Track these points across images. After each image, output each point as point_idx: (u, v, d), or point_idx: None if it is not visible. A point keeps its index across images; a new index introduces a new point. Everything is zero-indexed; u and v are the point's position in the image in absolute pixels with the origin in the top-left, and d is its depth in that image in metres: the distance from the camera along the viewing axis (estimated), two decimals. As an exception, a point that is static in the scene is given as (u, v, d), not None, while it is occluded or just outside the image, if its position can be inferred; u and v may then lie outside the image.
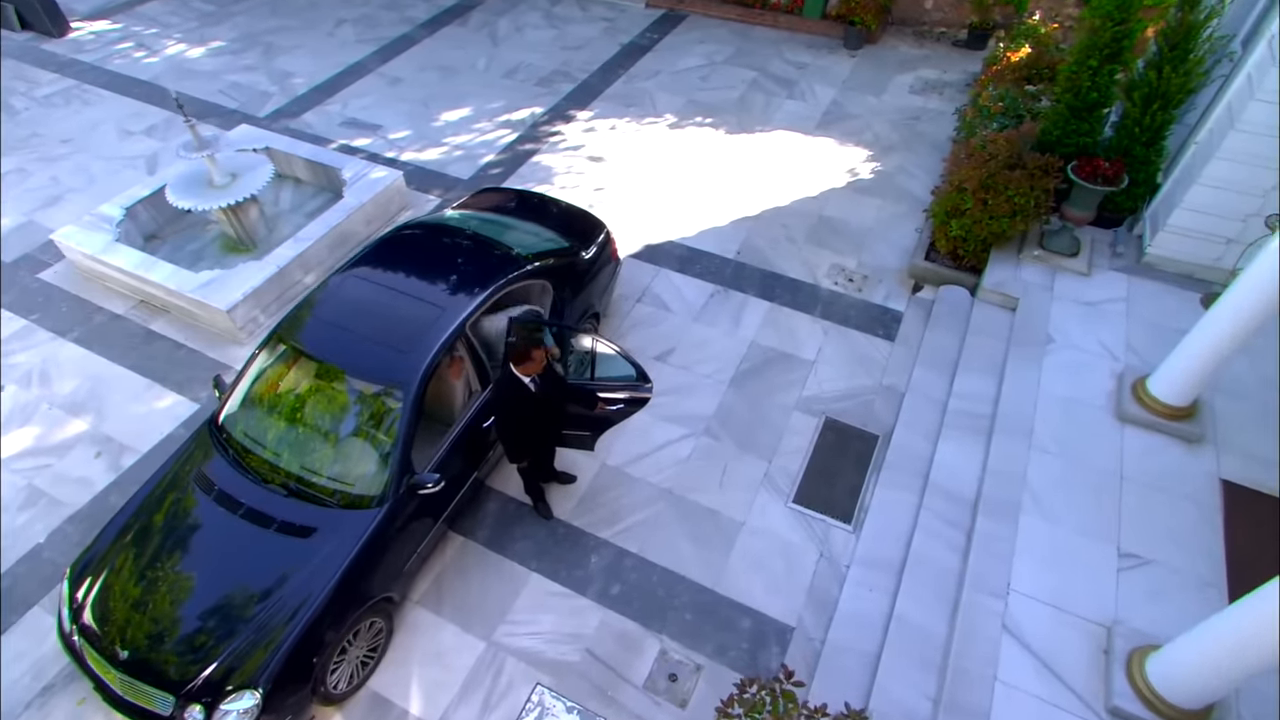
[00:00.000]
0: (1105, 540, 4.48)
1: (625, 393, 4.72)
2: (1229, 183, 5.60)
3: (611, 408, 4.74)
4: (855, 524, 5.12)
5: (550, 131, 9.00)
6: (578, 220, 6.18)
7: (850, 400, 5.92)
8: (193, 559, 4.00)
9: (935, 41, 10.65)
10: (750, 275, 7.03)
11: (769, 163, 8.39)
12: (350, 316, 4.66)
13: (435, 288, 4.83)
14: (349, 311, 4.69)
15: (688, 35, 10.87)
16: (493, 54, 10.53)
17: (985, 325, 6.07)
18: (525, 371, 4.21)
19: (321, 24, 11.21)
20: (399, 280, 4.87)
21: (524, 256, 5.23)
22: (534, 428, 4.57)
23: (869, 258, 7.21)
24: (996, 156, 6.22)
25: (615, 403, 4.74)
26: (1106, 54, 5.98)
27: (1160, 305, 5.97)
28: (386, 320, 4.62)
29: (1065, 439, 5.04)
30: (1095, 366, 5.50)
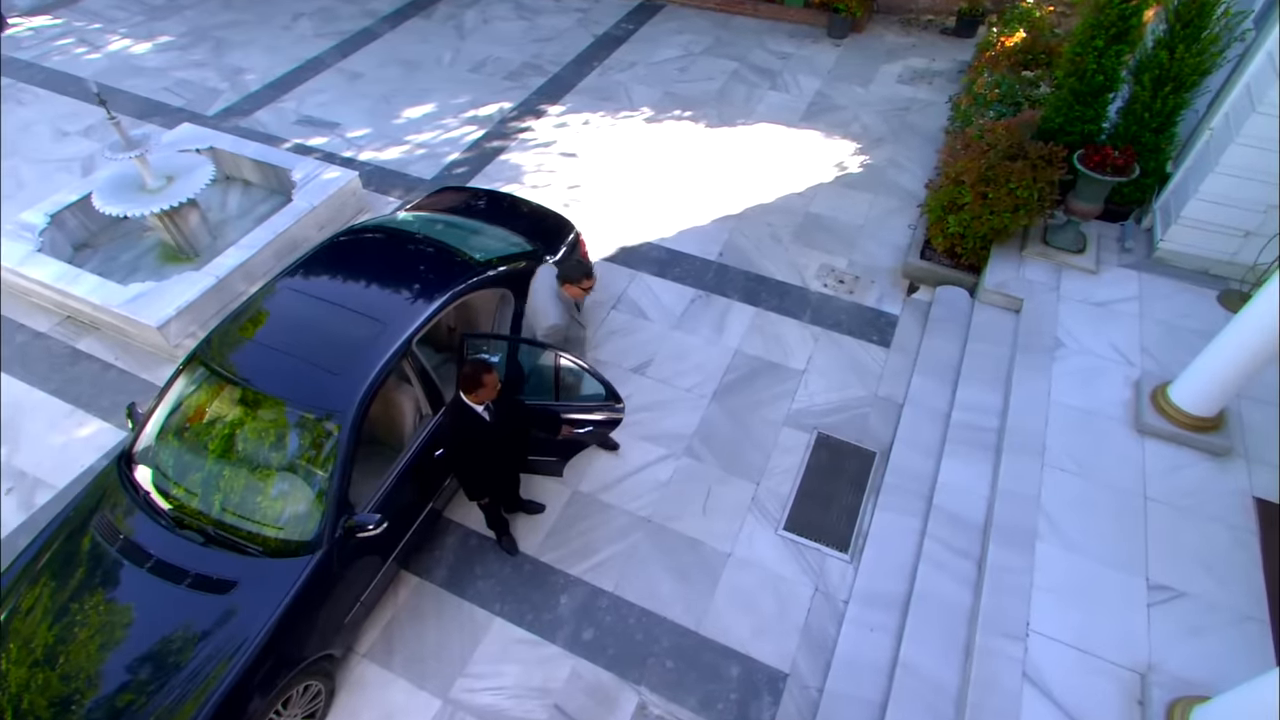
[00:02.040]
0: (1132, 571, 4.01)
1: (594, 414, 4.21)
2: (1249, 170, 5.17)
3: (579, 430, 4.24)
4: (853, 553, 4.63)
5: (520, 128, 8.46)
6: (543, 221, 5.66)
7: (844, 413, 5.43)
8: (87, 626, 3.43)
9: (923, 29, 10.21)
10: (734, 278, 6.54)
11: (752, 157, 7.90)
12: (280, 335, 4.11)
13: (378, 300, 4.29)
14: (279, 329, 4.14)
15: (665, 25, 10.36)
16: (459, 47, 9.97)
17: (988, 329, 5.60)
18: (477, 399, 3.70)
19: (277, 18, 10.60)
20: (337, 292, 4.33)
21: (481, 262, 4.70)
22: (492, 461, 4.05)
23: (860, 257, 6.73)
24: (996, 146, 5.76)
25: (583, 425, 4.23)
26: (1113, 34, 5.52)
27: (1175, 304, 5.53)
28: (321, 338, 4.08)
29: (1081, 455, 4.58)
30: (1109, 373, 5.05)
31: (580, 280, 4.30)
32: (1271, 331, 4.03)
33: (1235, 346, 4.23)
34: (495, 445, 3.92)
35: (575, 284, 4.31)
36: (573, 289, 4.33)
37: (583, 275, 4.30)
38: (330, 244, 4.73)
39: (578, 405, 4.16)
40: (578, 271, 4.30)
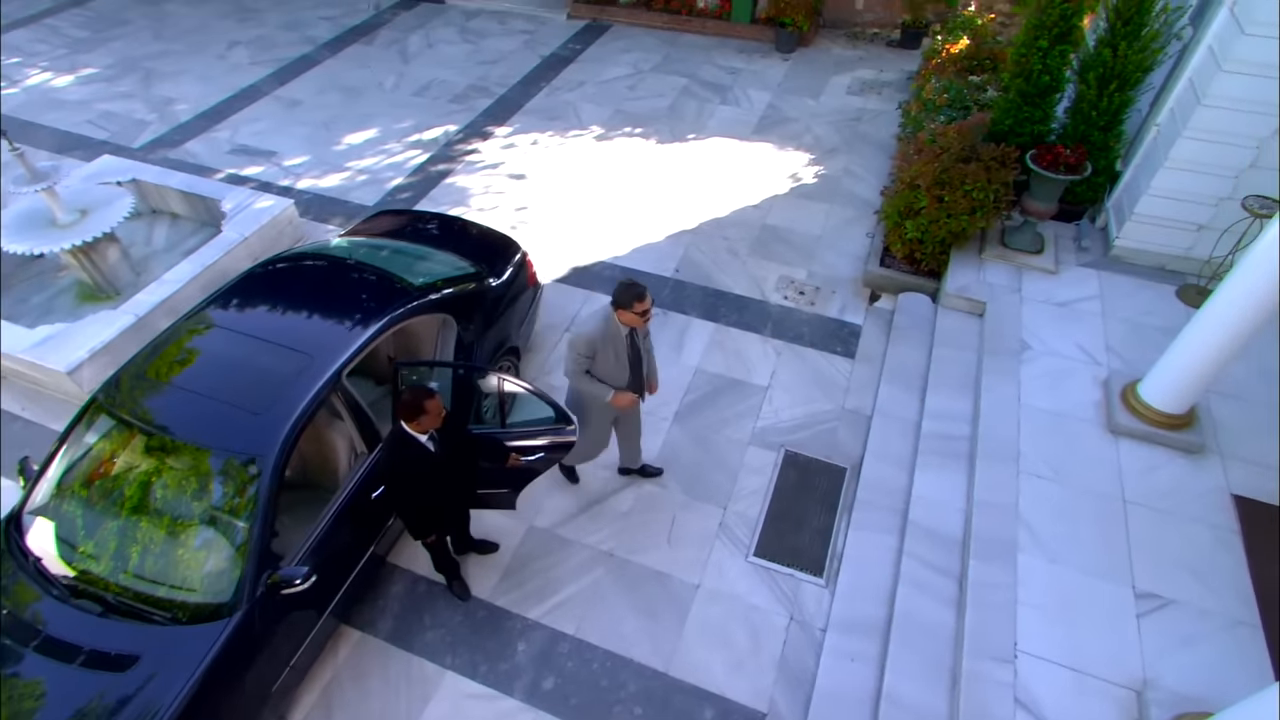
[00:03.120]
0: (1118, 580, 3.82)
1: (544, 439, 3.91)
2: (1198, 164, 5.14)
3: (529, 458, 3.93)
4: (828, 577, 4.37)
5: (466, 150, 8.20)
6: (487, 242, 5.38)
7: (811, 429, 5.21)
8: (-38, 717, 2.98)
9: (869, 42, 10.28)
10: (691, 294, 6.32)
11: (706, 172, 7.75)
12: (193, 373, 3.73)
13: (304, 331, 3.95)
14: (192, 367, 3.76)
15: (613, 45, 10.26)
16: (402, 71, 9.71)
17: (953, 334, 5.45)
18: (420, 428, 3.39)
19: (211, 47, 10.23)
20: (258, 325, 3.97)
21: (419, 287, 4.39)
22: (438, 494, 3.71)
23: (819, 268, 6.58)
24: (948, 150, 5.67)
25: (533, 451, 3.92)
26: (1055, 34, 5.50)
27: (1136, 301, 5.46)
28: (239, 375, 3.71)
29: (1056, 460, 4.40)
30: (1077, 374, 4.92)
31: (631, 304, 3.64)
32: (1234, 325, 3.93)
33: (1200, 342, 4.12)
34: (441, 477, 3.60)
35: (627, 309, 3.67)
36: (626, 315, 3.69)
37: (633, 299, 3.63)
38: (251, 274, 4.38)
39: (525, 430, 3.86)
40: (627, 295, 3.65)
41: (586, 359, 3.83)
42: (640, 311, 3.70)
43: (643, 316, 3.72)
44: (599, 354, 3.82)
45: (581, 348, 3.79)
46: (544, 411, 3.89)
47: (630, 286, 3.70)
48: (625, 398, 3.94)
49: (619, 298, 3.71)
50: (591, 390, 3.90)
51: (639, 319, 3.73)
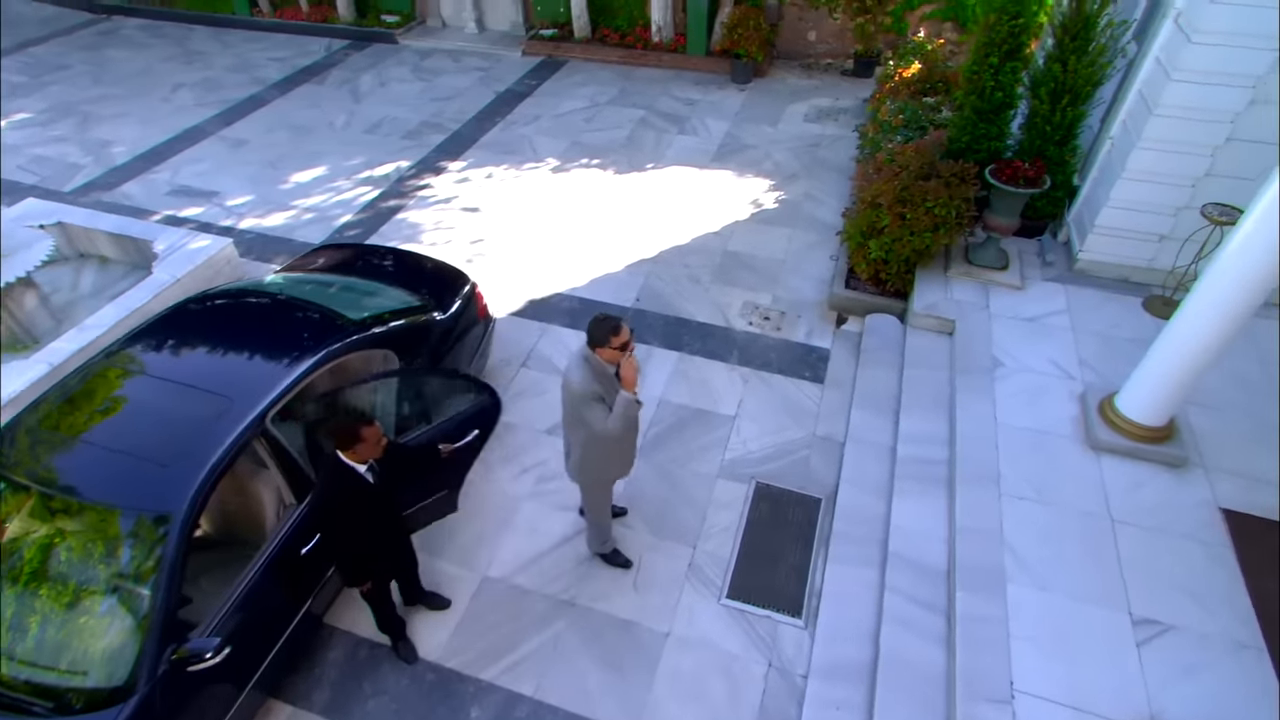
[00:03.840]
0: (1113, 605, 3.57)
1: (471, 420, 3.65)
2: (1155, 174, 5.10)
3: (459, 444, 3.68)
4: (807, 617, 4.05)
5: (418, 185, 7.96)
6: (434, 274, 5.10)
7: (782, 459, 4.94)
8: None
9: (823, 72, 10.38)
10: (653, 323, 6.08)
11: (665, 200, 7.60)
12: (98, 422, 3.35)
13: (225, 372, 3.60)
14: (97, 415, 3.39)
15: (568, 79, 10.21)
16: (354, 110, 9.51)
17: (923, 354, 5.28)
18: (357, 457, 3.08)
19: (155, 90, 9.95)
20: (174, 367, 3.62)
21: (355, 322, 4.08)
22: (377, 533, 3.37)
23: (784, 292, 6.40)
24: (908, 168, 5.58)
25: (463, 435, 3.67)
26: (1005, 50, 5.50)
27: (1104, 314, 5.35)
28: (149, 423, 3.34)
29: (1038, 479, 4.19)
30: (1052, 390, 4.75)
31: (608, 339, 3.30)
32: (1206, 334, 3.81)
33: (1174, 352, 3.98)
34: (380, 512, 3.28)
35: (604, 346, 3.32)
36: (606, 352, 3.34)
37: (608, 333, 3.30)
38: (171, 312, 4.03)
39: (450, 418, 3.57)
40: (601, 330, 3.32)
41: (603, 403, 3.38)
42: (619, 346, 3.28)
43: (624, 350, 3.31)
44: (605, 395, 3.37)
45: (592, 398, 3.35)
46: (464, 391, 3.63)
47: (603, 321, 3.31)
48: (627, 372, 3.32)
49: (593, 335, 3.31)
50: (627, 413, 3.33)
51: (619, 354, 3.32)
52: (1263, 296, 3.62)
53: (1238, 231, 3.60)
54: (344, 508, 3.18)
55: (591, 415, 3.37)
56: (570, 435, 3.69)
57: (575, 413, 3.46)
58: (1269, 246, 3.46)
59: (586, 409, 3.37)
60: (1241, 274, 3.59)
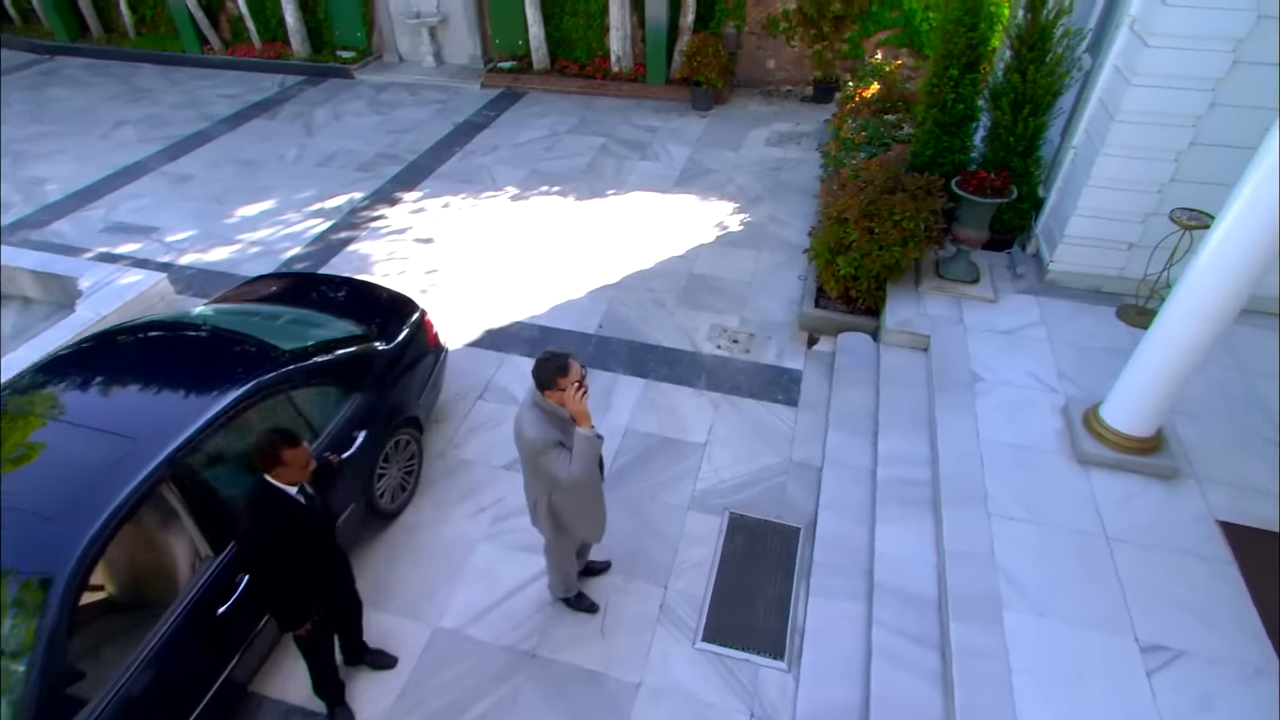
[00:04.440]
0: (1117, 631, 3.30)
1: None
2: (1121, 181, 5.02)
3: (349, 451, 3.45)
4: (790, 658, 3.71)
5: (371, 216, 7.67)
6: (379, 302, 4.77)
7: (757, 487, 4.64)
8: None
9: (784, 99, 10.40)
10: (617, 350, 5.80)
11: (627, 225, 7.40)
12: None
13: (130, 411, 3.22)
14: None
15: (528, 110, 10.08)
16: (306, 143, 9.23)
17: (899, 372, 5.06)
18: (287, 479, 2.77)
19: (95, 128, 9.58)
20: (74, 406, 3.23)
21: (288, 353, 3.73)
22: (316, 567, 3.01)
23: (752, 314, 6.18)
24: (873, 183, 5.44)
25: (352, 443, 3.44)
26: (964, 62, 5.44)
27: (1078, 325, 5.21)
28: (37, 470, 2.94)
29: (1027, 497, 3.94)
30: (1034, 403, 4.55)
31: (554, 381, 2.94)
32: (1190, 339, 3.64)
33: (1158, 357, 3.80)
34: (318, 540, 2.92)
35: (552, 388, 2.96)
36: (555, 395, 2.98)
37: (555, 373, 2.94)
38: (76, 348, 3.64)
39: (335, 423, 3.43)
40: (547, 371, 2.95)
41: (560, 451, 3.04)
42: (565, 385, 2.92)
43: (578, 389, 2.92)
44: (564, 440, 3.04)
45: (551, 446, 3.01)
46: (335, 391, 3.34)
47: (548, 361, 2.93)
48: (573, 406, 2.96)
49: (539, 378, 2.95)
50: (589, 452, 3.00)
51: (573, 392, 2.94)
52: (1245, 298, 3.47)
53: (1215, 232, 3.46)
54: (276, 538, 2.82)
55: (554, 465, 3.03)
56: (531, 489, 3.36)
57: (534, 465, 3.13)
58: (1248, 247, 3.32)
59: (548, 459, 3.03)
60: (1222, 275, 3.44)
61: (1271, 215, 3.19)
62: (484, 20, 11.03)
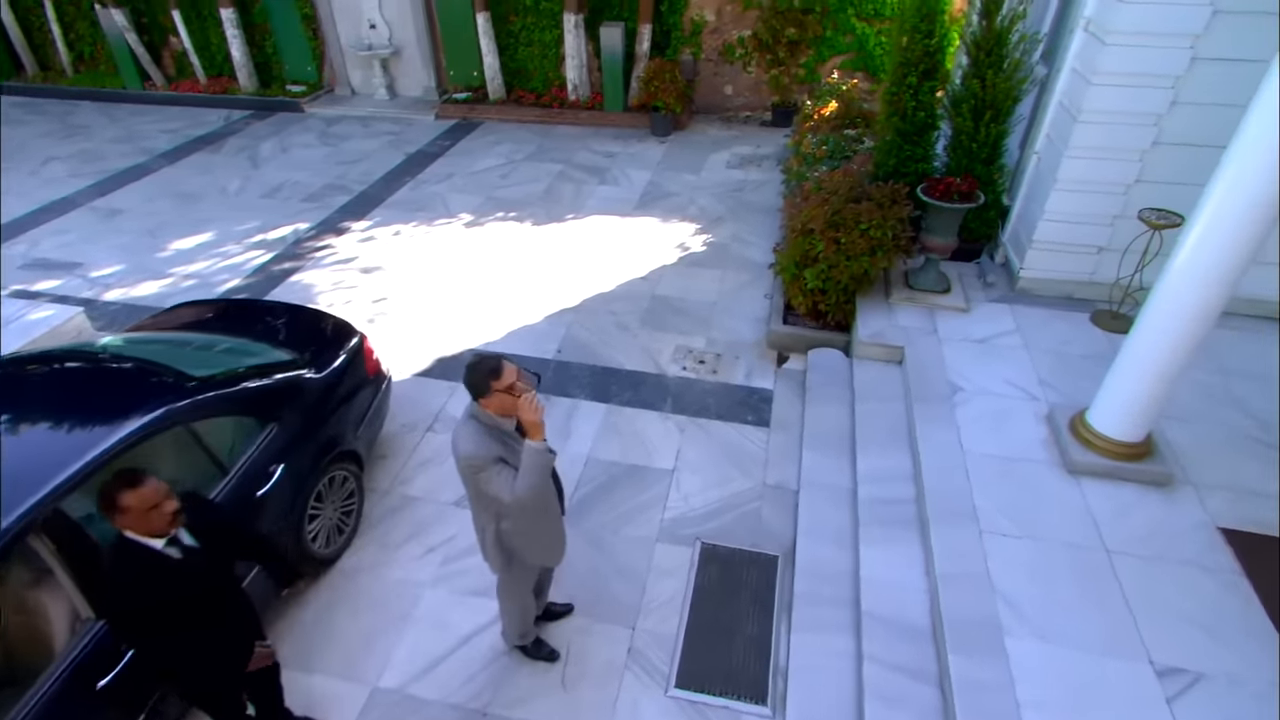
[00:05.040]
0: (1130, 655, 3.00)
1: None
2: (1087, 182, 4.91)
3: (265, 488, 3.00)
4: (774, 702, 3.33)
5: (317, 246, 7.29)
6: (310, 327, 4.39)
7: (729, 513, 4.30)
8: None
9: (743, 124, 10.36)
10: (577, 375, 5.46)
11: (587, 249, 7.14)
12: None
13: (7, 449, 2.77)
14: None
15: (483, 139, 9.86)
16: (250, 175, 8.86)
17: (874, 386, 4.81)
18: (142, 529, 2.33)
19: (23, 165, 9.09)
20: (-65, 446, 2.77)
21: (191, 384, 3.31)
22: (205, 631, 2.54)
23: (719, 334, 5.91)
24: (837, 193, 5.27)
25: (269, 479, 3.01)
26: (922, 70, 5.35)
27: (1054, 331, 5.03)
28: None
29: (1018, 511, 3.67)
30: (1016, 412, 4.32)
31: (487, 386, 2.61)
32: (1177, 338, 3.44)
33: (1143, 358, 3.59)
34: (206, 600, 2.46)
35: (486, 394, 2.63)
36: (494, 401, 2.64)
37: (487, 376, 2.61)
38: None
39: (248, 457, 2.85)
40: (479, 375, 2.63)
41: (502, 469, 2.66)
42: (506, 389, 2.60)
43: (512, 392, 2.61)
44: (508, 457, 2.67)
45: (490, 463, 2.64)
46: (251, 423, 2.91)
47: (477, 365, 2.62)
48: (527, 415, 2.62)
49: (471, 384, 2.63)
50: (538, 467, 2.64)
51: (513, 399, 2.61)
52: (1231, 289, 3.29)
53: (1197, 223, 3.28)
54: (142, 601, 2.36)
55: (495, 484, 2.65)
56: (478, 516, 2.97)
57: (474, 487, 2.74)
58: (1232, 235, 3.16)
59: (487, 479, 2.66)
60: (1207, 268, 3.27)
61: (1253, 202, 3.03)
62: (438, 52, 10.88)
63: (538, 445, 2.63)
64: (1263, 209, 3.03)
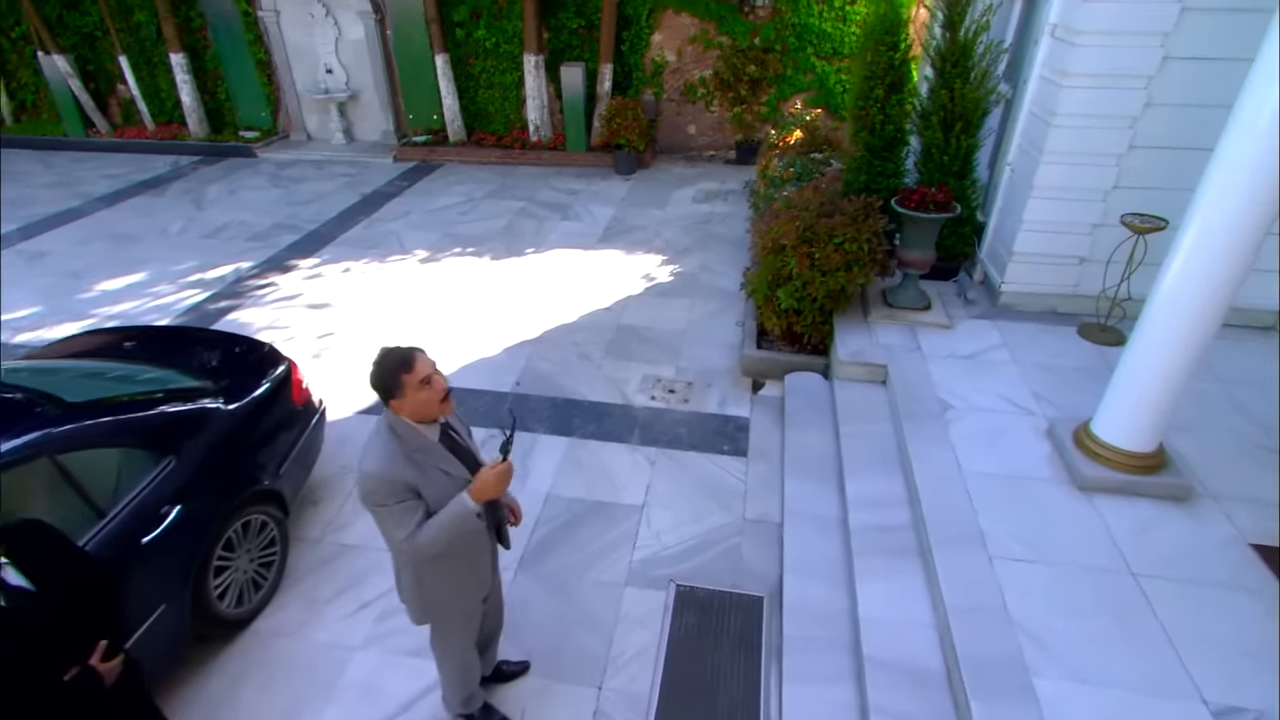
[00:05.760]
0: (1178, 693, 2.57)
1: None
2: (1065, 189, 4.73)
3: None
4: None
5: (259, 284, 6.82)
6: (229, 354, 3.90)
7: (707, 552, 3.83)
8: None
9: (707, 162, 10.27)
10: (537, 407, 5.01)
11: (548, 282, 6.78)
12: None
13: None
14: None
15: (443, 179, 9.59)
16: (194, 217, 8.42)
17: (858, 407, 4.44)
18: None
19: (-55, 210, 8.53)
20: None
21: (67, 409, 2.79)
22: (47, 695, 1.98)
23: (689, 362, 5.53)
24: (808, 208, 5.01)
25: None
26: (888, 81, 5.21)
27: (1042, 345, 4.75)
28: None
29: (1029, 534, 3.27)
30: (1012, 427, 3.97)
31: (399, 383, 2.15)
32: (1186, 336, 3.16)
33: (1154, 361, 3.29)
34: (48, 658, 1.93)
35: (398, 394, 2.17)
36: (408, 403, 2.18)
37: (397, 368, 2.16)
38: None
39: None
40: (388, 371, 2.16)
41: (409, 503, 2.17)
42: (423, 380, 2.16)
43: (427, 386, 2.18)
44: (422, 485, 2.20)
45: (397, 489, 2.15)
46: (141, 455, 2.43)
47: (385, 358, 2.19)
48: (489, 479, 2.24)
49: (379, 384, 2.17)
50: (457, 531, 2.21)
51: (433, 397, 2.19)
52: (1237, 281, 3.02)
53: (1193, 219, 3.04)
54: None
55: (392, 519, 2.16)
56: (393, 555, 2.48)
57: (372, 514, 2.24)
58: (1233, 225, 2.91)
59: (386, 513, 2.16)
60: (1210, 261, 3.01)
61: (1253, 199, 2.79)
62: (397, 96, 10.70)
63: (471, 506, 2.19)
64: (1263, 206, 2.80)
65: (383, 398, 2.19)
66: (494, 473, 2.25)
